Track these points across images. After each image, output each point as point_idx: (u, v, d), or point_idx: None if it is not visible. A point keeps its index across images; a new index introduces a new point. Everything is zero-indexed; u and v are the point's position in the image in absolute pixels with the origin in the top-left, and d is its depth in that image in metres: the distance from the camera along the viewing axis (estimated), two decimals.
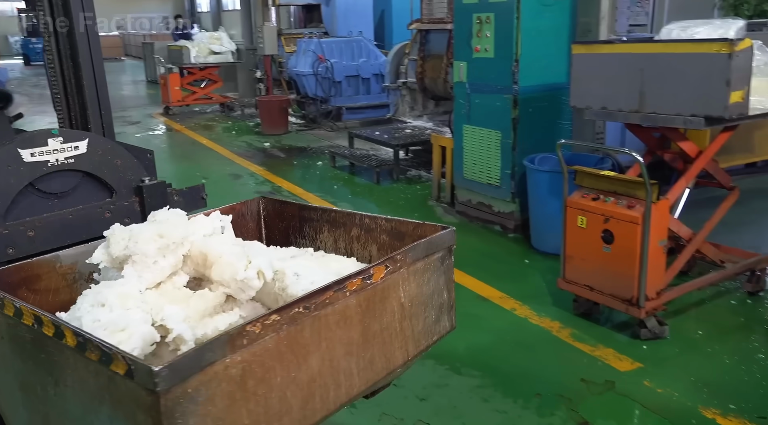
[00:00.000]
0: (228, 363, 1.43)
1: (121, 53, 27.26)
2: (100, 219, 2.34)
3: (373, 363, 1.80)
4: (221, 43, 12.06)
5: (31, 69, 23.72)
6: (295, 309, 1.57)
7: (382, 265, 1.77)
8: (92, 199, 2.43)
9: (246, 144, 8.99)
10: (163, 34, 26.41)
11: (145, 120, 11.39)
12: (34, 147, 2.26)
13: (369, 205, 6.21)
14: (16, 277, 1.85)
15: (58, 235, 2.25)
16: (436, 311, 2.00)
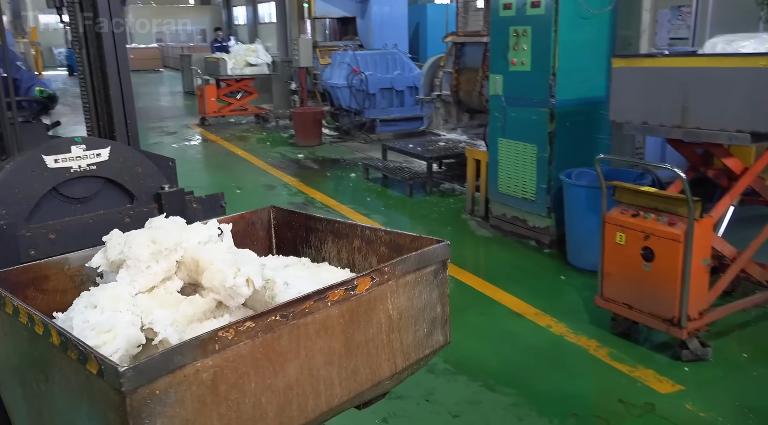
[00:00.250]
0: (199, 367, 1.47)
1: (160, 65, 27.95)
2: (119, 224, 2.35)
3: (356, 373, 1.82)
4: (257, 56, 12.28)
5: (74, 79, 24.49)
6: (272, 317, 1.60)
7: (368, 277, 1.79)
8: (113, 205, 2.50)
9: (280, 155, 9.11)
10: (200, 46, 27.05)
11: (182, 130, 11.63)
12: (57, 153, 2.34)
13: (401, 217, 6.22)
14: (24, 277, 1.94)
15: (78, 239, 2.29)
16: (429, 325, 2.00)
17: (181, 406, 1.44)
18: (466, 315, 3.97)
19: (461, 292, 4.34)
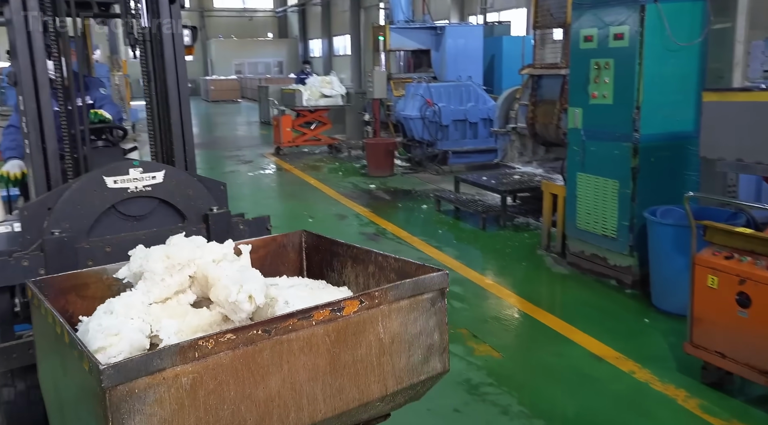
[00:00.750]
0: (178, 372, 1.60)
1: (238, 95, 29.20)
2: None
3: (342, 392, 1.89)
4: (332, 87, 12.63)
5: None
6: (253, 331, 1.71)
7: (356, 300, 1.88)
8: (165, 223, 2.70)
9: (352, 185, 9.26)
10: (277, 77, 28.13)
11: (258, 159, 12.06)
12: (117, 175, 2.59)
13: (474, 251, 6.16)
14: (68, 283, 2.18)
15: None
16: (424, 351, 2.05)
17: (160, 406, 1.57)
18: (540, 355, 3.86)
19: (535, 330, 4.23)
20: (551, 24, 7.02)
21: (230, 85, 29.43)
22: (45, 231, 2.46)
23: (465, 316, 4.47)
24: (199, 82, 32.49)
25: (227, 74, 32.15)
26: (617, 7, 4.69)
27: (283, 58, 35.49)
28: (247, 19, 36.94)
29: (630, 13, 4.58)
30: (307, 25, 34.85)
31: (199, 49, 36.22)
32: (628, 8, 4.60)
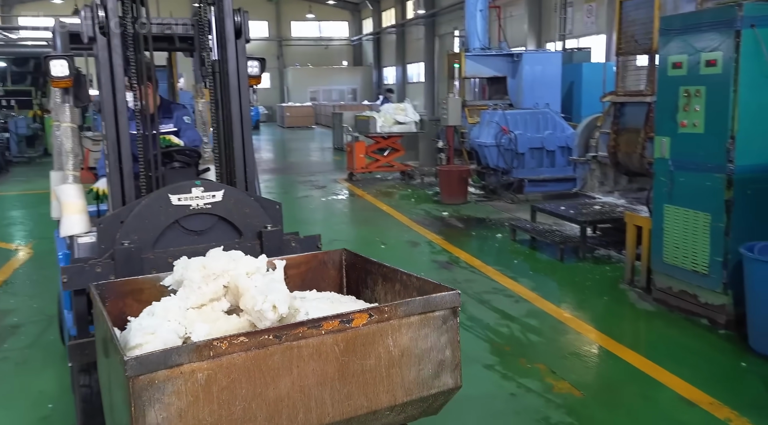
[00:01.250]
0: (194, 368, 1.80)
1: (313, 122, 30.00)
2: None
3: (350, 398, 2.05)
4: (406, 114, 12.76)
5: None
6: (265, 336, 1.90)
7: (366, 313, 2.04)
8: (224, 238, 2.94)
9: (424, 212, 9.27)
10: (350, 104, 28.74)
11: (330, 185, 12.29)
12: (181, 193, 2.86)
13: (551, 283, 6.00)
14: (126, 288, 2.48)
15: None
16: (435, 366, 2.20)
17: (177, 397, 1.78)
18: (625, 396, 3.68)
19: (619, 369, 4.05)
20: (635, 50, 6.85)
21: (305, 112, 30.30)
22: (116, 242, 2.76)
23: (542, 351, 4.34)
24: (275, 109, 33.65)
25: (302, 101, 33.16)
26: (709, 32, 4.53)
27: (357, 85, 36.28)
28: (323, 48, 38.11)
29: (723, 38, 4.41)
30: (382, 53, 35.55)
31: (276, 77, 37.62)
32: (721, 34, 4.43)
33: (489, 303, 5.27)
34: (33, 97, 19.27)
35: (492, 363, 4.15)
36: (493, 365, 4.12)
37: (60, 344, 4.24)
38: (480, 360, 4.16)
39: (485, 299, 5.36)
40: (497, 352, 4.32)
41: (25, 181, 13.47)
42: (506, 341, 4.51)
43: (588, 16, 16.98)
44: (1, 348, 4.46)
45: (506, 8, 19.07)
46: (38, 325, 4.86)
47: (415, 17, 28.67)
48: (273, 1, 36.30)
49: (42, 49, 19.86)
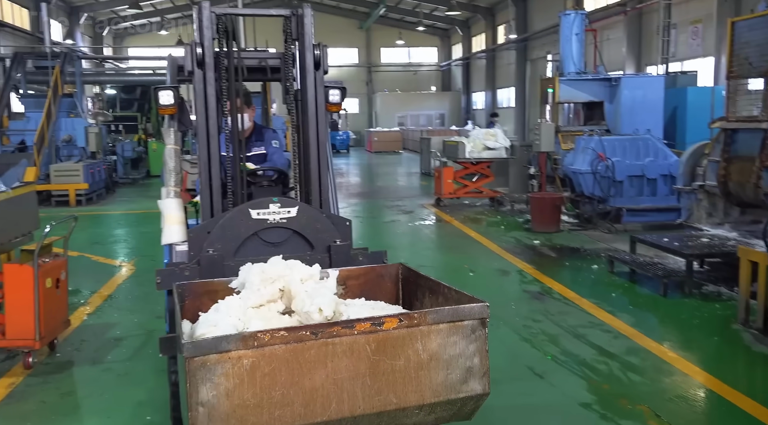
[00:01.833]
0: (241, 355, 2.10)
1: (400, 147, 30.35)
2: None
3: (380, 394, 2.29)
4: (496, 140, 12.65)
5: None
6: (303, 332, 2.20)
7: (396, 318, 2.31)
8: (297, 250, 3.27)
9: (515, 240, 9.09)
10: (438, 129, 28.88)
11: (417, 210, 12.32)
12: (259, 209, 3.23)
13: (653, 319, 5.70)
14: (203, 289, 2.91)
15: None
16: (463, 372, 2.39)
17: (225, 379, 2.09)
18: None
19: (733, 417, 3.75)
20: (750, 73, 6.49)
21: (393, 137, 30.73)
22: (203, 249, 3.17)
23: (644, 391, 4.10)
24: (363, 134, 34.34)
25: (390, 126, 33.67)
26: None
27: (446, 111, 36.43)
28: (411, 73, 38.64)
29: None
30: (471, 78, 35.59)
31: (365, 103, 38.47)
32: None
33: (585, 337, 5.06)
34: (138, 123, 20.73)
35: (589, 401, 3.96)
36: (590, 404, 3.93)
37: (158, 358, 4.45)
38: (576, 398, 3.99)
39: (581, 333, 5.15)
40: (595, 391, 4.12)
41: (129, 200, 14.42)
42: (604, 379, 4.30)
43: (693, 38, 16.27)
44: (105, 359, 4.73)
45: (603, 31, 18.63)
46: (139, 339, 5.14)
47: (507, 42, 28.56)
48: (364, 28, 37.29)
49: (148, 77, 21.40)
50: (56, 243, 4.90)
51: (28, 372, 4.40)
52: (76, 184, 13.31)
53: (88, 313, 5.85)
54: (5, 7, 22.63)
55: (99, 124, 16.15)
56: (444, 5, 29.77)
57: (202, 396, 2.10)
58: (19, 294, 4.32)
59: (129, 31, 35.00)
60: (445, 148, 13.33)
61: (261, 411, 2.16)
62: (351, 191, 15.74)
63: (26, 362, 4.41)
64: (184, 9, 32.26)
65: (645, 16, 18.47)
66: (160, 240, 3.60)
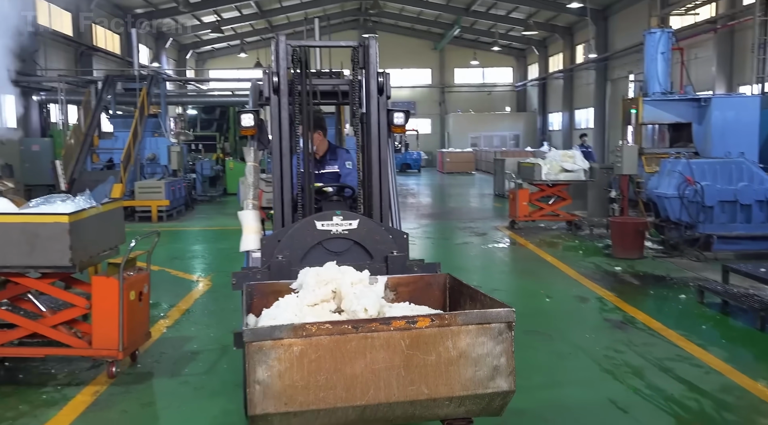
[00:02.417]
0: (292, 342, 2.49)
1: (473, 168, 30.15)
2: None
3: (413, 384, 2.61)
4: (574, 161, 12.34)
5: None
6: (345, 326, 2.58)
7: (428, 318, 2.64)
8: (357, 259, 3.60)
9: (594, 265, 8.79)
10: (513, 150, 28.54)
11: (491, 232, 12.15)
12: (324, 221, 3.65)
13: (748, 355, 5.36)
14: (269, 289, 3.33)
15: None
16: (490, 370, 2.68)
17: (278, 362, 2.48)
18: None
19: None
20: None
21: (465, 158, 30.58)
22: (273, 256, 3.61)
23: None
24: (435, 155, 34.38)
25: (463, 146, 33.55)
26: None
27: (520, 132, 35.98)
28: (485, 94, 38.48)
29: None
30: (547, 99, 35.06)
31: (437, 123, 38.58)
32: None
33: (672, 371, 4.80)
34: (217, 142, 21.59)
35: None
36: None
37: (233, 373, 4.57)
38: None
39: (668, 367, 4.89)
40: None
41: (206, 217, 14.99)
42: (695, 417, 4.05)
43: None
44: (182, 372, 4.89)
45: (690, 50, 17.95)
46: (214, 353, 5.28)
47: (586, 61, 28.00)
48: (437, 49, 37.54)
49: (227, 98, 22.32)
50: (140, 258, 5.14)
51: (112, 381, 4.60)
52: (158, 201, 13.97)
53: (167, 326, 6.08)
54: (99, 33, 24.25)
55: (180, 143, 16.94)
56: (520, 25, 29.56)
57: (259, 375, 2.50)
58: (106, 305, 4.54)
59: (210, 54, 36.73)
60: (520, 169, 13.13)
61: (308, 392, 2.54)
62: (422, 212, 15.73)
63: (110, 371, 4.61)
64: (263, 32, 33.57)
65: (737, 34, 17.68)
66: (235, 257, 4.02)
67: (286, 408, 2.53)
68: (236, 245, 4.23)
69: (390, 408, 2.62)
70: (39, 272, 4.59)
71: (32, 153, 16.48)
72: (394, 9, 33.49)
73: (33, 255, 4.35)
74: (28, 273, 4.60)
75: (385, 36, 34.24)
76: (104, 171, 15.22)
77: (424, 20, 34.81)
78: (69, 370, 4.84)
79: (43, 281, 4.67)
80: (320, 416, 2.59)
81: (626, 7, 23.97)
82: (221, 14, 28.53)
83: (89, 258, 4.72)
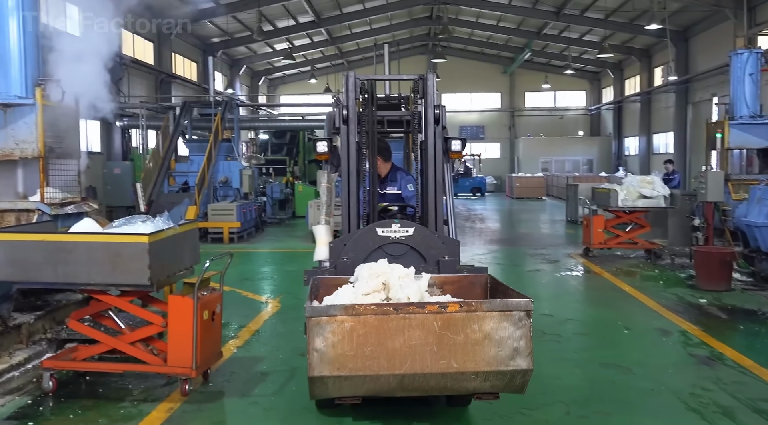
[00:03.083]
0: (343, 319, 3.15)
1: (543, 193, 29.62)
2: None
3: (443, 359, 3.19)
4: (653, 187, 11.90)
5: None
6: (387, 308, 3.22)
7: (457, 304, 3.25)
8: (412, 263, 4.11)
9: (676, 297, 8.39)
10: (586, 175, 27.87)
11: (563, 259, 11.84)
12: (384, 228, 4.28)
13: None
14: (331, 283, 4.01)
15: None
16: (510, 350, 3.23)
17: (332, 334, 3.14)
18: None
19: None
20: None
21: (535, 183, 30.10)
22: (340, 257, 4.27)
23: None
24: (504, 179, 33.99)
25: (533, 171, 33.05)
26: None
27: (594, 156, 35.14)
28: (557, 118, 37.89)
29: None
30: (623, 122, 34.14)
31: (507, 148, 38.22)
32: None
33: (767, 413, 4.49)
34: (287, 166, 22.13)
35: None
36: None
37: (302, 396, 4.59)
38: None
39: (762, 408, 4.58)
40: None
41: (276, 239, 15.32)
42: None
43: None
44: (252, 392, 4.96)
45: None
46: (283, 375, 5.34)
47: (665, 84, 27.15)
48: (507, 72, 37.35)
49: (297, 123, 22.91)
50: (213, 278, 5.28)
51: (185, 399, 4.72)
52: (229, 223, 14.40)
53: (238, 346, 6.20)
54: (178, 61, 25.52)
55: (252, 167, 17.44)
56: (595, 48, 29.05)
57: (316, 344, 3.19)
58: (181, 324, 4.68)
59: (282, 80, 37.91)
60: (595, 195, 12.78)
61: (356, 360, 3.20)
62: (491, 237, 15.53)
63: (183, 389, 4.74)
64: (333, 59, 34.41)
65: None
66: (302, 281, 4.39)
67: (338, 373, 3.21)
68: (304, 268, 4.63)
69: (425, 378, 3.23)
70: (119, 290, 4.79)
71: (114, 176, 17.37)
72: (463, 34, 33.64)
73: (114, 273, 4.55)
74: (109, 291, 4.81)
75: (454, 60, 34.38)
76: (179, 193, 15.85)
77: (493, 44, 34.77)
78: (145, 386, 5.00)
79: (122, 299, 4.87)
80: (366, 381, 3.26)
81: (709, 28, 23.15)
82: (293, 41, 29.45)
83: (166, 277, 4.90)
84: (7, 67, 6.32)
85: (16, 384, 5.04)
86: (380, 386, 3.27)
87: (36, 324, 5.82)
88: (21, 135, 6.34)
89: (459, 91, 37.28)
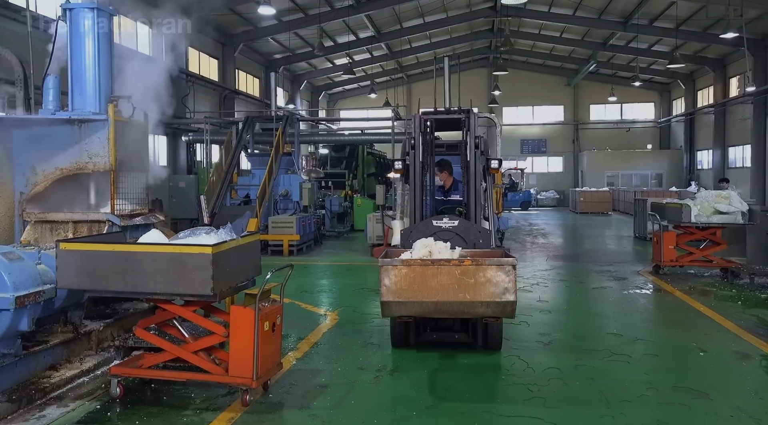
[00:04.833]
0: (401, 267, 5.37)
1: (609, 208, 28.84)
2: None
3: (461, 292, 5.24)
4: (729, 203, 11.37)
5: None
6: (428, 262, 5.38)
7: (470, 260, 5.37)
8: (457, 244, 6.01)
9: (757, 319, 7.96)
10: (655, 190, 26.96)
11: (631, 277, 11.45)
12: (437, 220, 6.35)
13: None
14: (395, 253, 6.00)
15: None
16: (502, 289, 5.20)
17: (395, 275, 5.35)
18: None
19: None
20: None
21: (601, 197, 29.35)
22: (407, 240, 6.22)
23: None
24: (567, 194, 33.28)
25: (598, 186, 32.25)
26: None
27: (664, 170, 34.02)
28: (623, 131, 36.93)
29: None
30: (695, 135, 32.96)
31: (570, 161, 37.47)
32: None
33: None
34: (346, 179, 22.36)
35: None
36: None
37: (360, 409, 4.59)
38: None
39: None
40: None
41: (334, 253, 15.45)
42: None
43: None
44: (311, 405, 4.99)
45: None
46: (342, 388, 5.35)
47: (741, 95, 26.06)
48: (571, 85, 36.72)
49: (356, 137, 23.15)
50: (274, 290, 5.36)
51: (245, 409, 4.79)
52: (289, 235, 14.63)
53: (297, 358, 6.26)
54: (241, 77, 26.28)
55: (312, 181, 17.71)
56: (665, 58, 28.22)
57: (385, 281, 5.29)
58: (242, 334, 4.77)
59: (341, 94, 38.47)
60: (666, 210, 12.32)
61: (408, 292, 5.27)
62: (554, 253, 15.19)
63: (244, 399, 4.81)
64: (392, 73, 34.67)
65: None
66: (361, 293, 5.05)
67: (397, 299, 5.30)
68: (362, 281, 5.44)
69: (449, 305, 5.29)
70: (183, 299, 4.92)
71: (179, 189, 17.98)
72: (525, 46, 33.33)
73: (179, 283, 4.68)
74: (173, 300, 4.95)
75: (516, 73, 34.08)
76: (241, 206, 16.24)
77: (556, 56, 34.30)
78: (206, 395, 5.11)
79: (186, 308, 5.00)
80: (414, 305, 5.35)
81: None
82: (353, 56, 29.87)
83: (228, 288, 5.00)
84: (83, 85, 6.66)
85: (86, 390, 5.24)
86: (423, 309, 5.40)
87: (105, 331, 6.05)
88: (94, 149, 6.65)
89: (521, 104, 36.89)
